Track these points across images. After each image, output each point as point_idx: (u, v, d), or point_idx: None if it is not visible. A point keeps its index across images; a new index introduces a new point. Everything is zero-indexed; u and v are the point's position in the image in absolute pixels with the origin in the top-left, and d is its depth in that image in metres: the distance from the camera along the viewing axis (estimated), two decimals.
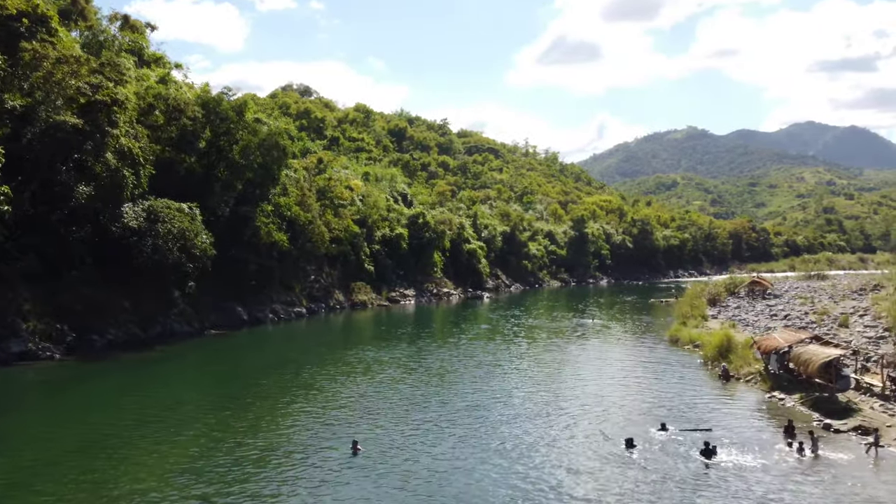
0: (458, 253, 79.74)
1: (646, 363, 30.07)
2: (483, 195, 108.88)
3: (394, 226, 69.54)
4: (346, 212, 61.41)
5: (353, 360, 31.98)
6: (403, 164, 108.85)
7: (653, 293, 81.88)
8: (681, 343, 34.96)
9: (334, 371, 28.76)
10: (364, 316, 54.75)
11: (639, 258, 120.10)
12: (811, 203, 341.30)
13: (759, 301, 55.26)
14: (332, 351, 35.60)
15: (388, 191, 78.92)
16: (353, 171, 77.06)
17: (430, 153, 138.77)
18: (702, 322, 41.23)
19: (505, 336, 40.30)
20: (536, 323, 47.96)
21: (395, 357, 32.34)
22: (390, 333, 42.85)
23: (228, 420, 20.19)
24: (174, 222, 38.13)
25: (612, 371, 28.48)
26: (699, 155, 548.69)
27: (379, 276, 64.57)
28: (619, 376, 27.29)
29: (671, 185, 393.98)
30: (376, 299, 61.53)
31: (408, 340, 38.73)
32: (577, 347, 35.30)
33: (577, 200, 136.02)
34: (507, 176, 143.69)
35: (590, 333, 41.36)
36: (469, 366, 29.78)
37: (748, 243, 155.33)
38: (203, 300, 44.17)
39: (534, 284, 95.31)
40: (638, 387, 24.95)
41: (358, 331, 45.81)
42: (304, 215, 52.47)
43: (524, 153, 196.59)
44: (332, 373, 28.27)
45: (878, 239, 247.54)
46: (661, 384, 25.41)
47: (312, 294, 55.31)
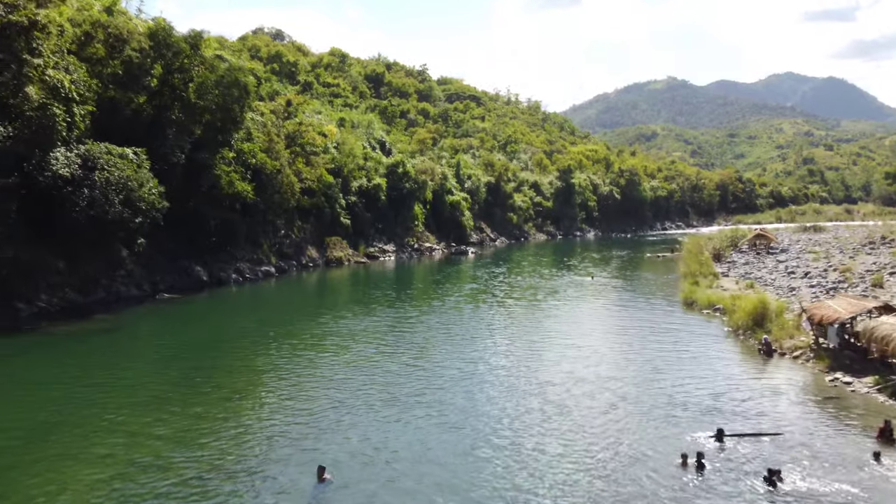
0: (440, 205, 74.91)
1: (664, 332, 25.97)
2: (465, 144, 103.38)
3: (371, 176, 64.30)
4: (319, 160, 56.01)
5: (324, 330, 27.47)
6: (381, 110, 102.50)
7: (644, 247, 78.15)
8: (697, 306, 30.93)
9: (302, 347, 24.24)
10: (340, 274, 50.09)
11: (626, 210, 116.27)
12: (791, 154, 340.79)
13: (766, 256, 51.61)
14: (300, 319, 31.01)
15: (366, 138, 73.28)
16: (326, 117, 71.14)
17: (410, 100, 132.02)
18: (714, 281, 37.30)
19: (496, 299, 36.00)
20: (529, 282, 43.74)
21: (372, 327, 27.89)
22: (368, 296, 38.33)
23: (155, 424, 15.61)
24: (115, 170, 32.73)
25: (626, 343, 24.35)
26: (679, 106, 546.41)
27: (356, 230, 59.67)
28: (635, 350, 23.15)
29: (651, 136, 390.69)
30: (353, 256, 56.80)
31: (387, 304, 34.27)
32: (581, 312, 31.15)
33: (563, 150, 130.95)
34: (489, 124, 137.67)
35: (591, 294, 37.23)
36: (458, 340, 25.46)
37: (734, 194, 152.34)
38: (156, 259, 39.15)
39: (519, 238, 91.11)
40: (661, 365, 20.81)
41: (332, 292, 41.20)
42: (271, 163, 47.07)
43: (506, 101, 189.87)
44: (299, 350, 23.74)
45: (859, 190, 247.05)
46: (687, 361, 21.31)
47: (282, 251, 50.37)
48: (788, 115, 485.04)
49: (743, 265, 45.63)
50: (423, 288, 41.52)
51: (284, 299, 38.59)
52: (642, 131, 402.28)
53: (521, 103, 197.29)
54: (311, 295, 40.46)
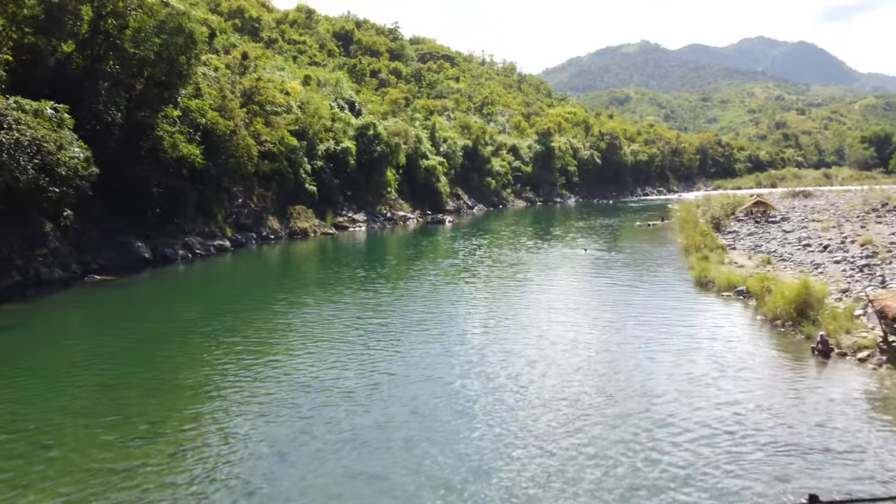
0: (414, 170, 69.93)
1: (684, 324, 21.86)
2: (440, 105, 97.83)
3: (340, 138, 58.93)
4: (281, 120, 50.49)
5: (281, 320, 22.80)
6: (350, 68, 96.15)
7: (629, 214, 74.36)
8: (714, 288, 26.89)
9: (253, 343, 19.58)
10: (304, 248, 45.17)
11: (606, 175, 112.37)
12: (763, 118, 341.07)
13: (766, 225, 47.97)
14: (254, 304, 26.25)
15: (333, 97, 67.59)
16: (290, 74, 65.16)
17: (381, 59, 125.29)
18: (723, 256, 33.34)
19: (480, 280, 31.60)
20: (515, 257, 39.41)
21: (339, 315, 23.30)
22: (333, 275, 33.61)
23: (47, 464, 10.98)
24: (25, 129, 27.25)
25: (640, 336, 20.15)
26: (651, 69, 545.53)
27: (323, 198, 54.55)
28: (654, 346, 18.98)
29: (625, 99, 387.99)
30: (320, 226, 51.79)
31: (357, 285, 29.65)
32: (582, 298, 26.88)
33: (541, 113, 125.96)
34: (464, 85, 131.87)
35: (587, 273, 33.02)
36: (441, 337, 20.99)
37: (714, 159, 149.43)
38: (89, 235, 33.88)
39: (498, 205, 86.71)
40: (697, 373, 16.65)
41: (294, 270, 36.34)
42: (223, 123, 41.59)
43: (481, 62, 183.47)
44: (249, 349, 19.08)
45: (832, 154, 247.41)
46: (727, 367, 17.18)
47: (240, 222, 45.21)
48: (760, 79, 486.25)
49: (748, 236, 41.82)
50: (397, 265, 36.91)
51: (238, 279, 33.66)
52: (616, 95, 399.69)
53: (497, 64, 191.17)
54: (269, 273, 35.57)
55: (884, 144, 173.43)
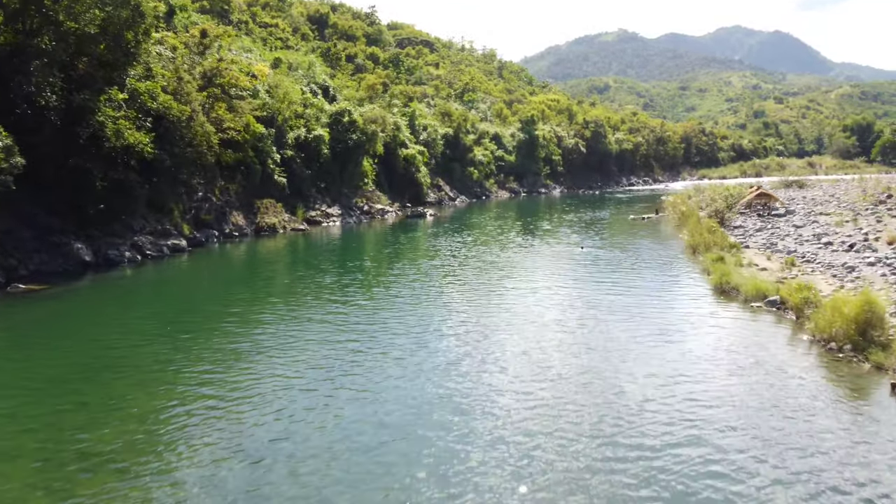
0: (392, 160, 65.76)
1: (713, 344, 18.30)
2: (419, 91, 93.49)
3: (312, 125, 54.53)
4: (246, 106, 46.02)
5: (232, 344, 18.76)
6: (324, 51, 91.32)
7: (619, 206, 71.03)
8: (738, 296, 23.38)
9: (193, 381, 15.56)
10: (272, 246, 40.96)
11: (591, 164, 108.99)
12: (742, 107, 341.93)
13: (770, 219, 44.77)
14: (201, 322, 22.11)
15: (306, 82, 63.05)
16: (258, 56, 60.45)
17: (357, 44, 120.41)
18: (738, 256, 29.88)
19: (468, 286, 27.79)
20: (504, 256, 35.66)
21: (300, 339, 19.33)
22: (300, 280, 29.53)
23: None
24: None
25: (665, 364, 16.56)
26: (629, 58, 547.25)
27: (293, 190, 50.24)
28: (685, 379, 15.40)
29: (604, 88, 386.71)
30: (290, 221, 47.52)
31: (326, 295, 25.66)
32: (586, 307, 23.17)
33: (523, 100, 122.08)
34: (444, 72, 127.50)
35: (588, 275, 29.35)
36: (424, 365, 17.16)
37: (698, 147, 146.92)
38: (17, 235, 29.41)
39: (480, 196, 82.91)
40: (745, 416, 13.10)
41: (256, 274, 32.10)
42: (178, 108, 37.09)
43: (461, 49, 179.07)
44: (197, 385, 15.08)
45: (812, 143, 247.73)
46: (785, 408, 13.62)
47: (200, 218, 40.82)
48: (736, 67, 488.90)
49: (757, 232, 38.49)
50: (373, 268, 32.91)
51: (190, 287, 29.37)
52: (595, 84, 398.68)
53: (476, 51, 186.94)
54: (227, 279, 31.34)
55: (865, 133, 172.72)
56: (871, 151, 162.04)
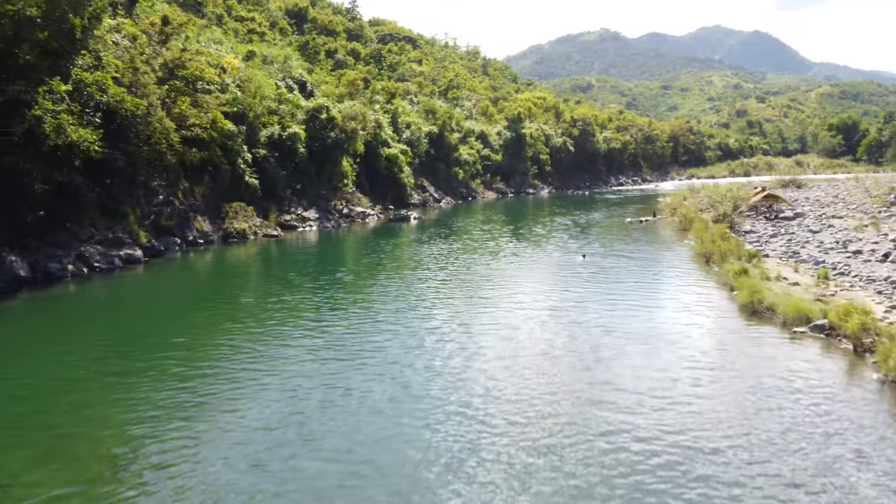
0: (374, 160, 62.04)
1: (763, 388, 14.98)
2: (402, 88, 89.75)
3: (287, 122, 50.68)
4: (212, 100, 42.12)
5: (183, 388, 15.11)
6: (301, 45, 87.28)
7: (611, 207, 67.94)
8: (777, 318, 20.11)
9: (115, 448, 11.91)
10: (241, 255, 37.14)
11: (579, 164, 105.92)
12: (724, 106, 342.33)
13: (781, 222, 41.80)
14: (141, 354, 18.31)
15: (281, 76, 59.13)
16: (229, 48, 56.44)
17: (338, 39, 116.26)
18: (761, 267, 26.66)
19: (461, 305, 24.30)
20: (499, 267, 32.25)
21: (270, 377, 15.75)
22: (270, 299, 25.82)
23: None
24: None
25: (705, 407, 13.27)
26: (611, 57, 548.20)
27: (266, 193, 46.38)
28: (738, 436, 12.10)
29: (587, 87, 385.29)
30: (262, 226, 43.65)
31: (295, 319, 22.03)
32: (598, 331, 19.75)
33: (509, 98, 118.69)
34: (427, 68, 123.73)
35: (597, 291, 25.94)
36: (411, 417, 13.68)
37: (685, 146, 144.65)
38: None
39: (466, 197, 79.43)
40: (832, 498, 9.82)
41: (219, 291, 28.21)
42: (132, 102, 33.15)
43: (444, 45, 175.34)
44: (110, 463, 11.44)
45: (795, 142, 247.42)
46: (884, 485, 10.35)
47: (160, 225, 36.87)
48: (717, 67, 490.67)
49: (771, 237, 35.38)
50: (352, 283, 29.24)
51: (139, 305, 25.45)
52: (577, 83, 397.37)
53: (460, 48, 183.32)
54: (185, 295, 27.49)
55: (851, 132, 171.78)
56: (857, 150, 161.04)
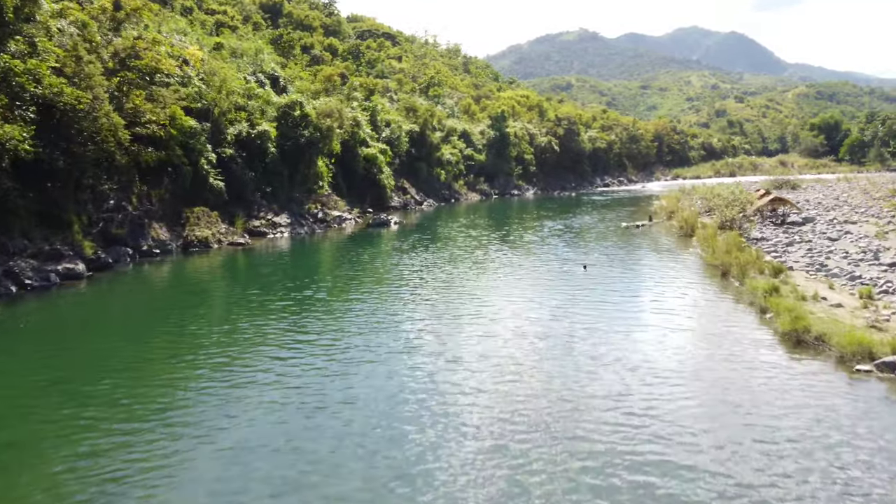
0: (351, 160, 58.26)
1: (841, 454, 11.72)
2: (382, 85, 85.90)
3: (256, 119, 46.74)
4: (171, 95, 38.09)
5: (136, 455, 11.36)
6: (274, 39, 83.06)
7: (601, 210, 64.86)
8: (830, 350, 16.89)
9: None
10: (201, 267, 33.21)
11: (564, 164, 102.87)
12: (703, 106, 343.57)
13: (792, 228, 38.86)
14: (65, 403, 14.49)
15: (252, 70, 55.10)
16: (194, 38, 52.27)
17: (314, 34, 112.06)
18: (794, 283, 23.48)
19: (449, 332, 20.79)
20: (488, 281, 28.81)
21: (214, 443, 12.08)
22: (227, 325, 22.02)
23: None
24: None
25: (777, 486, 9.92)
26: (590, 57, 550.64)
27: (233, 196, 42.45)
28: None
29: (566, 86, 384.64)
30: (227, 234, 39.69)
31: (252, 354, 18.34)
32: (618, 366, 16.42)
33: (491, 96, 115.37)
34: (407, 65, 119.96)
35: (603, 312, 22.54)
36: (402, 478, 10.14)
37: (669, 146, 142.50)
38: None
39: (449, 199, 75.85)
40: None
41: (168, 313, 24.20)
42: (72, 94, 29.09)
43: (424, 42, 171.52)
44: None
45: (775, 142, 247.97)
46: None
47: (108, 233, 32.83)
48: (695, 67, 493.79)
49: (788, 246, 32.30)
50: (325, 304, 25.51)
51: (71, 333, 21.47)
52: (557, 82, 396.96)
53: (440, 45, 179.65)
54: (125, 320, 23.50)
55: (833, 132, 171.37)
56: (840, 150, 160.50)
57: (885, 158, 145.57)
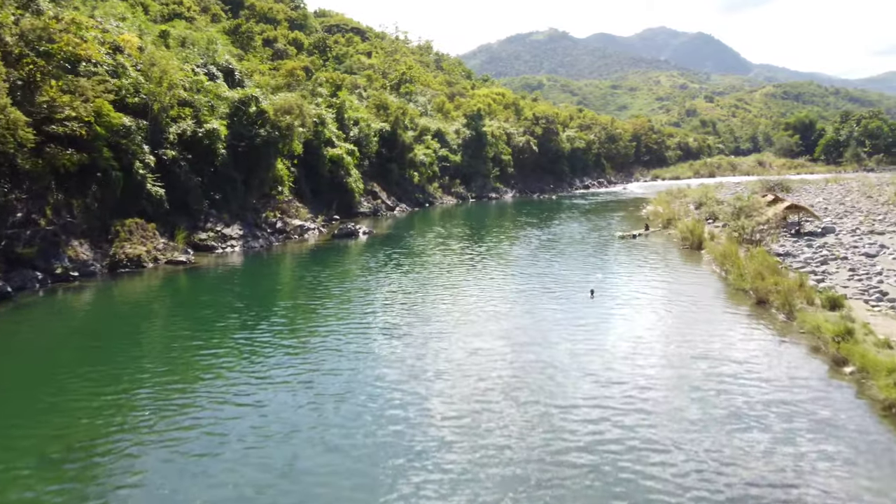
0: (316, 162, 52.73)
1: None
2: (350, 81, 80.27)
3: (204, 117, 40.92)
4: (96, 87, 32.18)
5: None
6: (231, 29, 76.84)
7: (587, 215, 60.27)
8: None
9: None
10: (128, 295, 27.45)
11: (542, 165, 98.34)
12: (673, 106, 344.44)
13: (814, 238, 34.50)
14: None
15: (203, 62, 49.12)
16: (133, 25, 46.16)
17: (278, 28, 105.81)
18: (857, 317, 18.82)
19: (437, 381, 15.77)
20: (480, 313, 23.69)
21: None
22: (139, 390, 16.54)
23: None
24: None
25: None
26: (560, 57, 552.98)
27: (176, 205, 36.65)
28: None
29: (537, 86, 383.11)
30: (166, 250, 33.85)
31: (176, 430, 12.97)
32: (671, 452, 11.52)
33: (466, 93, 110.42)
34: (378, 61, 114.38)
35: (623, 354, 17.65)
36: None
37: (647, 146, 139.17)
38: None
39: (423, 203, 70.59)
40: None
41: (69, 364, 18.60)
42: None
43: (395, 38, 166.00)
44: None
45: (747, 141, 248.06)
46: None
47: (12, 253, 26.93)
48: (664, 67, 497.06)
49: (821, 264, 27.77)
50: (273, 350, 20.14)
51: None
52: (528, 82, 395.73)
53: (412, 42, 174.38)
54: (19, 371, 17.83)
55: (808, 131, 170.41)
56: (815, 150, 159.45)
57: (861, 158, 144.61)
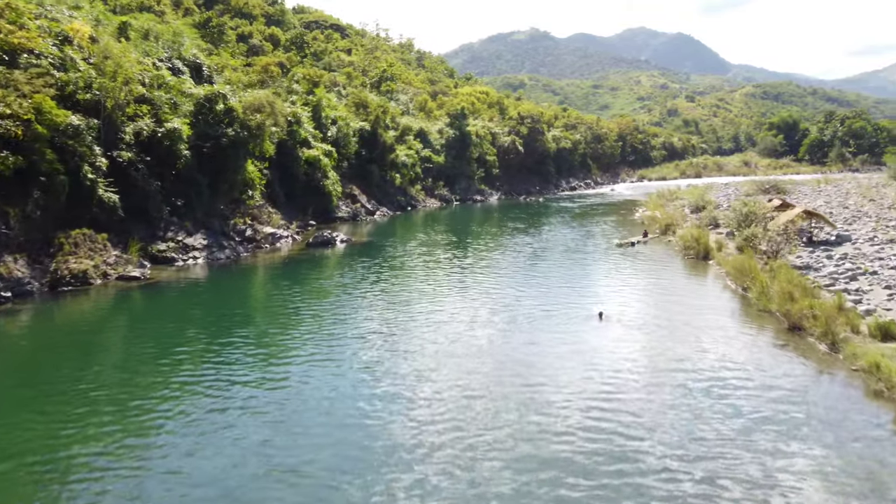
0: (290, 163, 49.22)
1: None
2: (328, 78, 76.65)
3: (165, 115, 37.23)
4: (30, 79, 28.51)
5: None
6: (201, 22, 72.87)
7: (578, 219, 57.37)
8: None
9: None
10: (69, 317, 23.90)
11: (529, 165, 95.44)
12: (655, 105, 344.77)
13: (831, 248, 31.80)
14: None
15: (167, 56, 45.37)
16: (89, 17, 42.35)
17: (255, 23, 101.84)
18: (886, 333, 15.97)
19: (427, 434, 12.51)
20: (472, 340, 20.57)
21: None
22: (78, 450, 13.13)
23: None
24: None
25: None
26: (542, 56, 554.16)
27: (132, 213, 32.99)
28: None
29: (519, 85, 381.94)
30: (118, 263, 30.20)
31: None
32: None
33: (448, 92, 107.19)
34: (358, 58, 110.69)
35: (652, 387, 14.61)
36: None
37: (633, 146, 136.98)
38: None
39: (405, 206, 67.22)
40: None
41: None
42: None
43: (375, 36, 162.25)
44: None
45: (729, 141, 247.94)
46: None
47: None
48: (644, 67, 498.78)
49: (849, 279, 25.01)
50: (234, 392, 16.84)
51: None
52: (510, 81, 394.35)
53: (393, 39, 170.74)
54: None
55: (792, 131, 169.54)
56: (799, 150, 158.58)
57: (846, 158, 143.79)
